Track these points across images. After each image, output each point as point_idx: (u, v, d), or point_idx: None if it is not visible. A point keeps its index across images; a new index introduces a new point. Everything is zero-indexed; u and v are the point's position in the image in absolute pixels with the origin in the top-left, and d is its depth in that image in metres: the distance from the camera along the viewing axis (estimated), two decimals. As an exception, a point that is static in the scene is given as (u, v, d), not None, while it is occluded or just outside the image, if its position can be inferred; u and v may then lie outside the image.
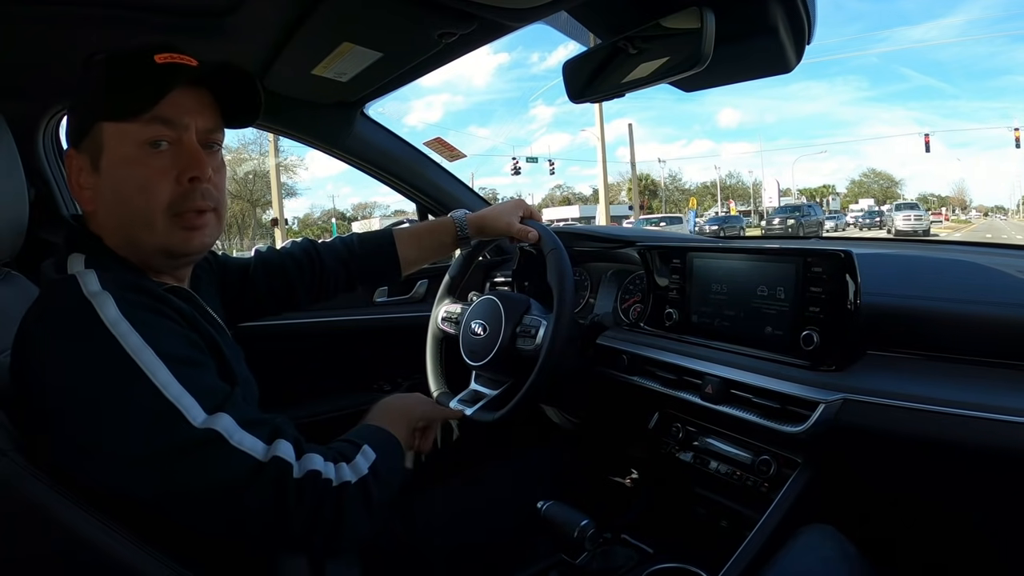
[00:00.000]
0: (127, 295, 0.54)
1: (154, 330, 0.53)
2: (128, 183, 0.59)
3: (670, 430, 1.01)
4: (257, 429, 0.54)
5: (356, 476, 0.59)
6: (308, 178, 51.76)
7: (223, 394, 0.55)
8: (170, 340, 0.54)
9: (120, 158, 0.59)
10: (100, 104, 0.59)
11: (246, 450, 0.52)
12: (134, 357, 0.50)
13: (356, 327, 1.57)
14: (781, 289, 0.85)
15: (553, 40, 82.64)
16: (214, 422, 0.52)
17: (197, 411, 0.51)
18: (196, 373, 0.54)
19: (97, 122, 0.59)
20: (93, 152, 0.60)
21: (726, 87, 1.06)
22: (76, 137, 0.61)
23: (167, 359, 0.52)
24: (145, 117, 0.58)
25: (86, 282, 0.54)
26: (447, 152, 1.82)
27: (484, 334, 1.06)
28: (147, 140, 0.59)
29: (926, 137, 23.49)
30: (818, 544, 0.69)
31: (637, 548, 0.91)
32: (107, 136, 0.59)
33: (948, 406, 0.68)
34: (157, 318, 0.55)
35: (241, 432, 0.53)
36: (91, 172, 0.60)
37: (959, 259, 0.99)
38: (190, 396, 0.51)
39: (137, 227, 0.60)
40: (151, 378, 0.50)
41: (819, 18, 0.79)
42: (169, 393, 0.50)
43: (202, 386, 0.53)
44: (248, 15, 0.91)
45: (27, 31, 0.93)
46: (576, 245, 1.35)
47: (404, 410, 0.80)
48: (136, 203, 0.59)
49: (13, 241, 0.73)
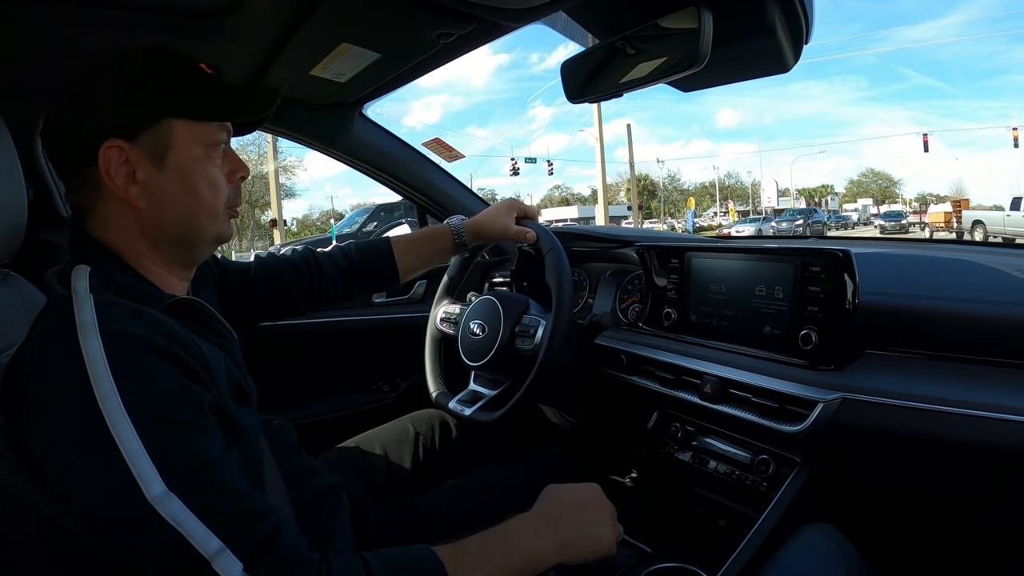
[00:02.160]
0: (120, 330, 0.51)
1: (135, 378, 0.49)
2: (202, 181, 0.62)
3: (669, 430, 1.01)
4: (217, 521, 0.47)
5: None
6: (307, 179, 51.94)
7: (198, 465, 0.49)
8: (151, 394, 0.49)
9: (193, 157, 0.62)
10: (180, 102, 0.60)
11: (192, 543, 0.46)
12: (100, 406, 0.47)
13: (355, 327, 1.57)
14: (779, 288, 0.85)
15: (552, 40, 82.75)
16: (166, 504, 0.46)
17: (154, 483, 0.46)
18: (170, 436, 0.49)
19: (168, 117, 0.60)
20: (157, 147, 0.59)
21: (724, 87, 1.06)
22: (130, 130, 0.59)
23: (137, 416, 0.47)
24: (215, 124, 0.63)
25: (81, 310, 0.51)
26: (445, 153, 1.83)
27: (483, 334, 1.06)
28: (215, 143, 0.64)
29: (924, 137, 23.52)
30: (817, 543, 0.69)
31: (636, 548, 0.91)
32: (177, 133, 0.60)
33: (947, 405, 0.68)
34: (148, 360, 0.51)
35: (194, 521, 0.46)
36: (151, 167, 0.59)
37: (958, 258, 0.99)
38: (150, 463, 0.46)
39: (204, 218, 0.63)
40: (112, 433, 0.46)
41: (818, 17, 0.79)
42: (127, 455, 0.46)
43: (173, 453, 0.48)
44: (247, 16, 0.91)
45: (26, 31, 0.93)
46: (575, 245, 1.35)
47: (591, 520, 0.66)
48: (207, 198, 0.63)
49: (12, 242, 0.73)
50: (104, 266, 0.58)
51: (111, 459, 0.46)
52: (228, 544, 0.47)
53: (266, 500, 0.54)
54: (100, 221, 0.61)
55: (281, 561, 0.49)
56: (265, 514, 0.50)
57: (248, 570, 0.47)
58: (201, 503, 0.47)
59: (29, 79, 1.10)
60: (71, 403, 0.48)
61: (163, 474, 0.47)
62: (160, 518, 0.45)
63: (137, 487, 0.46)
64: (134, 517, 0.46)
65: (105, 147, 0.58)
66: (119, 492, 0.46)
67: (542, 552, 0.61)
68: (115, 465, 0.46)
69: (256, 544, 0.48)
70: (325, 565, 0.50)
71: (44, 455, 0.49)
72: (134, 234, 0.61)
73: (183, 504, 0.46)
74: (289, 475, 0.73)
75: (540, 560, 0.60)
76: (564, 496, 0.68)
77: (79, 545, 0.50)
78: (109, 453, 0.46)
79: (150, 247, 0.62)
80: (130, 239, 0.61)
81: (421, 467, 1.05)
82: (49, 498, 0.49)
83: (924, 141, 23.38)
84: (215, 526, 0.47)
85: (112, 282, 0.57)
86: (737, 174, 49.16)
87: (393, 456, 1.04)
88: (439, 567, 0.54)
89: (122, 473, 0.46)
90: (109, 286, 0.56)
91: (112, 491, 0.46)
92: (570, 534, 0.63)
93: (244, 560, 0.47)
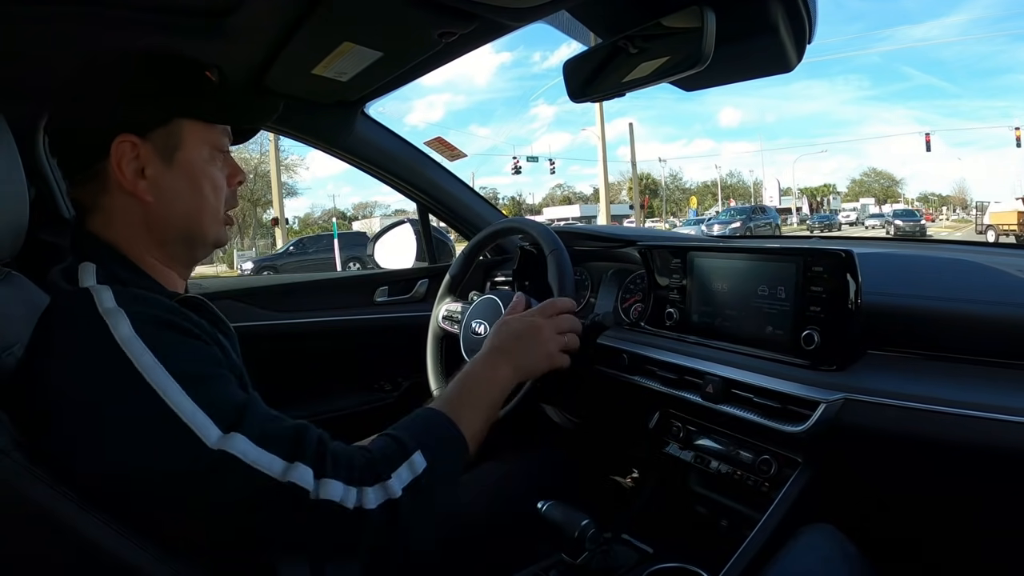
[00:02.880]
0: (142, 311, 0.54)
1: (167, 348, 0.52)
2: (206, 181, 0.65)
3: (670, 429, 1.01)
4: (275, 445, 0.52)
5: (384, 498, 0.55)
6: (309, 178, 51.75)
7: (241, 407, 0.53)
8: (184, 357, 0.53)
9: (199, 157, 0.64)
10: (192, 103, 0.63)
11: (262, 469, 0.51)
12: (147, 377, 0.50)
13: (356, 327, 1.57)
14: (782, 288, 0.85)
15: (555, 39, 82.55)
16: (229, 443, 0.50)
17: (212, 430, 0.50)
18: (211, 389, 0.53)
19: (179, 117, 0.62)
20: (168, 145, 0.62)
21: (727, 86, 1.06)
22: (143, 127, 0.61)
23: (180, 378, 0.51)
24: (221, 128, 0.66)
25: (101, 299, 0.53)
26: (448, 152, 1.83)
27: (485, 333, 1.06)
28: (219, 146, 0.67)
29: (927, 136, 23.52)
30: (819, 544, 0.69)
31: (637, 548, 0.91)
32: (187, 133, 0.63)
33: (949, 406, 0.68)
34: (171, 334, 0.54)
35: (257, 451, 0.51)
36: (160, 164, 0.62)
37: (959, 259, 0.99)
38: (204, 415, 0.50)
39: (205, 220, 0.66)
40: (164, 399, 0.50)
41: (821, 17, 0.79)
42: (183, 413, 0.50)
43: (217, 403, 0.52)
44: (248, 15, 0.91)
45: (27, 30, 0.93)
46: (577, 244, 1.35)
47: (532, 332, 0.81)
48: (210, 199, 0.65)
49: (13, 241, 0.73)
50: (108, 263, 0.60)
51: (170, 420, 0.49)
52: (293, 460, 0.52)
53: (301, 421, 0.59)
54: (104, 217, 0.62)
55: (337, 459, 0.55)
56: (307, 427, 0.56)
57: (317, 476, 0.53)
58: (256, 434, 0.52)
59: (30, 78, 1.10)
60: (117, 382, 0.50)
61: (216, 422, 0.51)
62: (227, 456, 0.50)
63: (198, 439, 0.50)
64: (203, 465, 0.49)
65: (118, 141, 0.60)
66: (184, 446, 0.49)
67: (504, 377, 0.75)
68: (175, 425, 0.49)
69: (314, 452, 0.54)
70: (367, 452, 0.58)
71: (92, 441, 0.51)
72: (139, 230, 0.63)
73: (243, 438, 0.51)
74: None
75: (506, 383, 0.75)
76: (507, 328, 0.81)
77: (81, 546, 0.50)
78: (167, 416, 0.50)
79: (155, 244, 0.64)
80: (134, 235, 0.62)
81: None
82: (56, 498, 0.49)
83: (926, 141, 23.37)
84: (275, 448, 0.52)
85: (117, 279, 0.58)
86: (739, 173, 49.22)
87: None
88: (446, 419, 0.66)
89: (182, 430, 0.49)
90: (115, 283, 0.57)
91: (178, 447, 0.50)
92: (519, 359, 0.78)
93: (312, 466, 0.53)
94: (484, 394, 0.72)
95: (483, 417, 0.70)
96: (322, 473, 0.53)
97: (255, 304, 1.46)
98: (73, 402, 0.51)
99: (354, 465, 0.55)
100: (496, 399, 0.73)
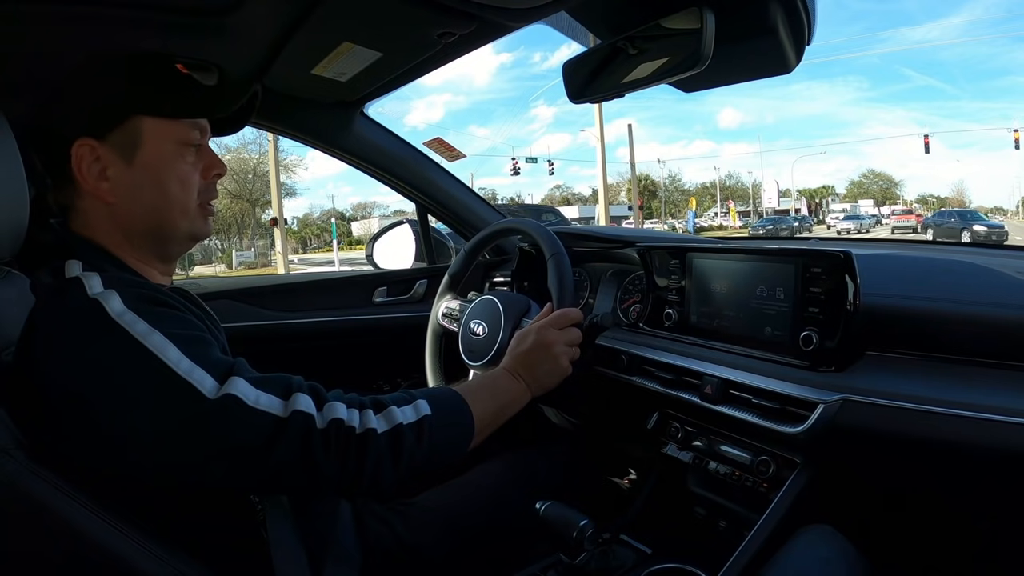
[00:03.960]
0: (130, 290, 0.56)
1: (158, 316, 0.55)
2: (171, 177, 0.63)
3: (669, 430, 1.01)
4: (271, 386, 0.55)
5: (388, 425, 0.59)
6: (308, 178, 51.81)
7: (231, 363, 0.56)
8: (175, 323, 0.56)
9: (162, 154, 0.63)
10: (149, 100, 0.61)
11: (265, 408, 0.54)
12: (143, 342, 0.52)
13: (355, 327, 1.57)
14: (780, 290, 0.85)
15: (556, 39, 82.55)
16: (228, 387, 0.53)
17: (210, 382, 0.53)
18: (204, 349, 0.55)
19: (135, 116, 0.61)
20: (126, 145, 0.61)
21: (727, 87, 1.06)
22: (99, 128, 0.60)
23: (175, 339, 0.53)
24: (187, 121, 0.64)
25: (91, 284, 0.55)
26: (447, 152, 1.83)
27: (483, 334, 1.06)
28: (187, 141, 0.65)
29: (925, 138, 23.52)
30: (817, 544, 0.69)
31: (636, 548, 0.91)
32: (147, 131, 0.62)
33: (948, 406, 0.68)
34: (160, 307, 0.57)
35: (256, 392, 0.54)
36: (121, 164, 0.61)
37: (959, 260, 0.99)
38: (201, 369, 0.53)
39: (174, 215, 0.65)
40: (162, 358, 0.52)
41: (820, 18, 0.79)
42: (180, 370, 0.52)
43: (211, 359, 0.55)
44: (248, 14, 0.91)
45: (27, 30, 0.92)
46: (576, 245, 1.35)
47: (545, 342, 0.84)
48: (176, 195, 0.64)
49: (13, 241, 0.73)
50: (93, 260, 0.60)
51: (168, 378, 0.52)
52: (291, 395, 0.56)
53: None
54: (81, 218, 0.63)
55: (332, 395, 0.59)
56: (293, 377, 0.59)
57: (318, 404, 0.57)
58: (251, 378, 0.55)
59: (31, 78, 1.10)
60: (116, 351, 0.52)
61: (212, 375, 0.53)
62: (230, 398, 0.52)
63: (198, 391, 0.52)
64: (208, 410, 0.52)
65: (76, 145, 0.60)
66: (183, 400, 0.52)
67: (520, 391, 0.79)
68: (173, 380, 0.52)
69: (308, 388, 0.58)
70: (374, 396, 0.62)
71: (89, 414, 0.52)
72: (110, 229, 0.63)
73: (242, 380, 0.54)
74: None
75: (521, 396, 0.79)
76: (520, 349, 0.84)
77: (82, 543, 0.50)
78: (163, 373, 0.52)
79: (126, 242, 0.64)
80: (108, 234, 0.63)
81: None
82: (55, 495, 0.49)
83: (925, 143, 23.38)
84: (272, 389, 0.55)
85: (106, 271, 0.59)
86: (738, 174, 49.15)
87: None
88: (459, 396, 0.69)
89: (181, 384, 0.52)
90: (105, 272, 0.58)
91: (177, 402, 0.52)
92: (530, 378, 0.81)
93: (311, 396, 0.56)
94: (501, 394, 0.76)
95: (492, 412, 0.73)
96: (322, 402, 0.57)
97: (254, 304, 1.46)
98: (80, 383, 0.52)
99: (355, 399, 0.60)
100: (507, 405, 0.76)
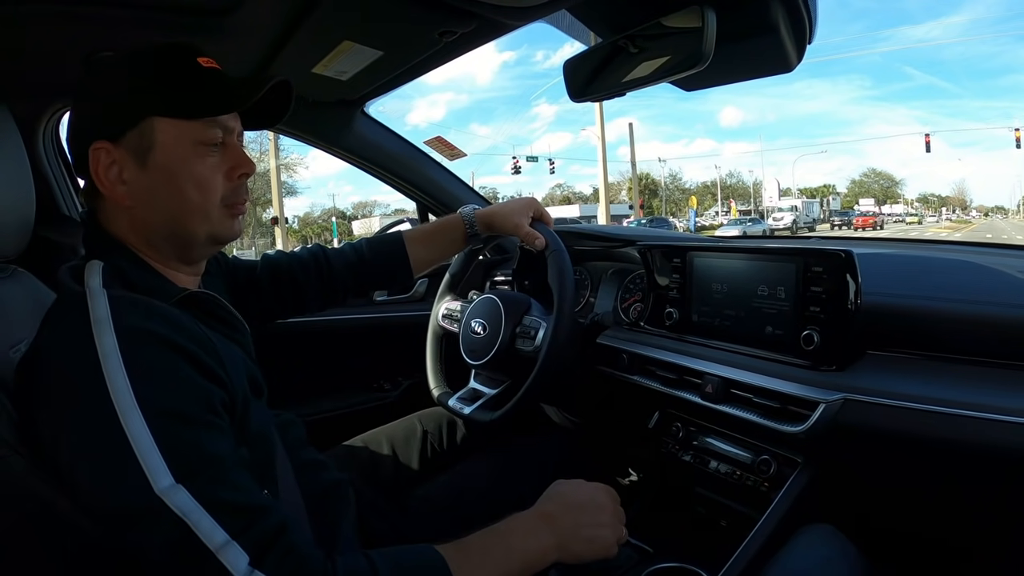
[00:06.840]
0: (133, 325, 0.52)
1: (147, 374, 0.50)
2: (187, 180, 0.60)
3: (670, 429, 1.01)
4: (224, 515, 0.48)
5: None
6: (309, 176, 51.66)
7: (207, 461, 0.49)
8: (163, 387, 0.50)
9: (178, 156, 0.60)
10: (161, 100, 0.59)
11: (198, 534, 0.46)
12: (113, 399, 0.48)
13: (356, 326, 1.57)
14: (781, 289, 0.85)
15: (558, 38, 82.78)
16: (173, 495, 0.46)
17: (163, 476, 0.47)
18: (182, 432, 0.49)
19: (149, 117, 0.59)
20: (140, 147, 0.59)
21: (728, 86, 1.06)
22: (114, 131, 0.59)
23: (150, 409, 0.48)
24: (206, 120, 0.60)
25: (95, 306, 0.52)
26: (448, 151, 1.82)
27: (484, 333, 1.06)
28: (205, 141, 0.61)
29: (926, 137, 23.50)
30: (818, 543, 0.69)
31: (637, 548, 0.91)
32: (161, 132, 0.59)
33: (948, 406, 0.68)
34: (160, 354, 0.51)
35: (200, 513, 0.47)
36: (135, 167, 0.59)
37: (959, 259, 0.99)
38: (159, 457, 0.47)
39: (193, 218, 0.61)
40: (123, 427, 0.47)
41: (822, 16, 0.79)
42: (138, 448, 0.47)
43: (182, 448, 0.48)
44: (249, 13, 0.91)
45: (29, 29, 0.93)
46: (576, 244, 1.35)
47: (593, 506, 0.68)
48: (194, 198, 0.61)
49: (19, 239, 0.73)
50: (116, 261, 0.59)
51: (121, 451, 0.47)
52: (234, 537, 0.47)
53: (272, 499, 0.55)
54: (105, 219, 0.62)
55: (287, 556, 0.49)
56: (271, 510, 0.51)
57: (254, 563, 0.47)
58: (208, 496, 0.47)
59: (33, 77, 1.11)
60: (84, 396, 0.49)
61: (172, 467, 0.47)
62: (168, 509, 0.46)
63: (146, 479, 0.46)
64: (142, 507, 0.46)
65: (92, 148, 0.59)
66: (128, 483, 0.47)
67: (540, 551, 0.61)
68: (125, 457, 0.46)
69: (262, 538, 0.48)
70: (331, 563, 0.50)
71: (54, 445, 0.50)
72: (131, 231, 0.62)
73: (191, 496, 0.47)
74: (298, 467, 0.73)
75: (538, 559, 0.61)
76: (566, 495, 0.68)
77: (86, 541, 0.50)
78: (119, 445, 0.47)
79: (146, 244, 0.62)
80: (130, 236, 0.62)
81: (429, 465, 1.05)
82: (59, 494, 0.49)
83: (926, 142, 23.35)
84: (221, 519, 0.47)
85: (125, 277, 0.58)
86: (739, 173, 49.23)
87: (401, 454, 1.05)
88: (443, 566, 0.54)
89: (132, 465, 0.46)
90: (122, 281, 0.57)
91: (121, 482, 0.47)
92: (568, 535, 0.64)
93: (250, 553, 0.47)
94: (504, 561, 0.59)
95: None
96: (259, 563, 0.47)
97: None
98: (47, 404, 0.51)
99: (306, 569, 0.49)
100: (516, 572, 0.60)
